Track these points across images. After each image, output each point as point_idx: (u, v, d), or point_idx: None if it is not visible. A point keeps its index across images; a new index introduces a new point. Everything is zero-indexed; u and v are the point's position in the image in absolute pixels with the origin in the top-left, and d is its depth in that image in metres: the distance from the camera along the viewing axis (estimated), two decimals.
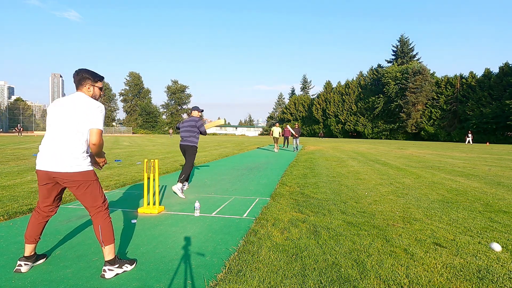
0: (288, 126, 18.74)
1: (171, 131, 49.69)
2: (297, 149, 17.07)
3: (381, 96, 54.04)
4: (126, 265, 2.35)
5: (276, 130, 16.73)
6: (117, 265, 2.31)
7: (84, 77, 2.39)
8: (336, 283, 2.22)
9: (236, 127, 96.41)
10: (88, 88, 2.40)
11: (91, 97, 2.41)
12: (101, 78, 2.48)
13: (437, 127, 47.91)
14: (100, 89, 2.50)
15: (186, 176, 5.31)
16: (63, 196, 4.85)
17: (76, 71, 2.42)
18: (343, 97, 61.85)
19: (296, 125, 19.29)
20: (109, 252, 2.29)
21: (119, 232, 3.32)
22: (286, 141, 19.12)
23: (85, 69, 2.45)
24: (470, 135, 33.91)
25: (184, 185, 5.55)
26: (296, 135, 17.47)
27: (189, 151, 5.57)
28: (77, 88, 2.43)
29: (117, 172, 7.62)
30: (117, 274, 2.29)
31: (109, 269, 2.28)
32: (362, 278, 2.29)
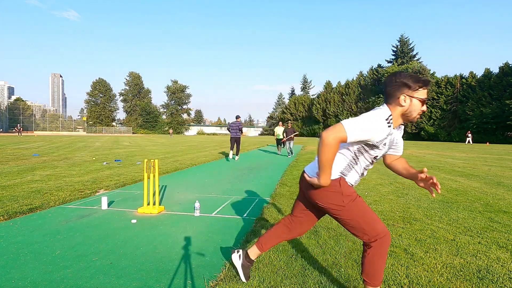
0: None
1: (171, 131, 49.68)
2: (292, 153, 13.49)
3: (381, 96, 54.00)
4: (243, 275, 2.21)
5: (280, 131, 14.76)
6: (242, 267, 2.20)
7: (397, 84, 1.63)
8: (336, 283, 2.22)
9: None
10: (404, 100, 1.63)
11: (405, 113, 1.66)
12: (425, 83, 1.63)
13: (437, 127, 47.89)
14: (423, 102, 1.65)
15: (238, 151, 11.27)
16: (63, 195, 4.87)
17: (389, 75, 1.69)
18: (343, 97, 61.81)
19: (289, 125, 14.62)
20: None
21: (119, 232, 3.32)
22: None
23: (401, 72, 1.68)
24: (469, 135, 33.91)
25: (235, 157, 11.23)
26: (291, 137, 13.69)
27: (238, 140, 11.14)
28: (386, 101, 1.71)
29: (117, 172, 7.62)
30: (237, 270, 2.23)
31: (236, 257, 2.25)
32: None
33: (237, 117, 11.43)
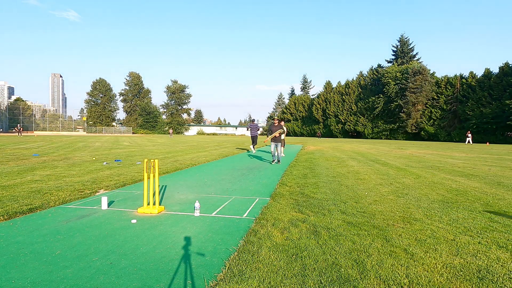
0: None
1: (171, 131, 49.63)
2: (278, 160, 10.19)
3: (381, 96, 53.97)
4: None
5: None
6: None
7: None
8: (336, 283, 2.22)
9: (236, 127, 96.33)
10: None
11: None
12: None
13: (437, 127, 47.87)
14: None
15: (255, 144, 13.91)
16: (63, 195, 4.86)
17: None
18: (343, 97, 61.77)
19: (275, 121, 10.32)
20: None
21: (119, 232, 3.32)
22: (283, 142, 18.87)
23: None
24: (469, 135, 33.90)
25: (253, 150, 14.24)
26: (277, 137, 9.93)
27: (257, 138, 14.03)
28: None
29: (117, 172, 7.62)
30: None
31: None
32: (362, 278, 2.29)
33: (253, 120, 17.64)
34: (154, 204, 4.26)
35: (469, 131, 36.34)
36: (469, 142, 33.29)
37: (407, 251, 2.79)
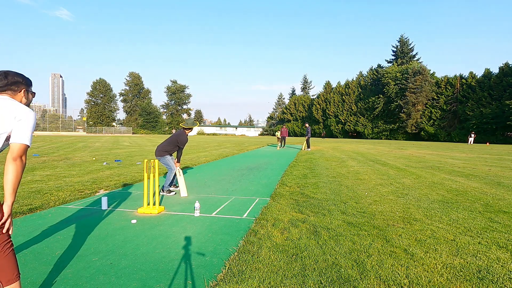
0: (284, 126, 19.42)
1: (174, 131, 49.64)
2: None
3: (381, 96, 53.97)
4: None
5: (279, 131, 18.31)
6: None
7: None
8: (336, 283, 2.22)
9: (236, 127, 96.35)
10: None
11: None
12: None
13: (437, 127, 47.87)
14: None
15: (284, 143, 20.61)
16: (63, 195, 4.86)
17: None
18: (343, 97, 61.79)
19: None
20: None
21: (119, 232, 3.32)
22: (283, 141, 19.91)
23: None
24: (473, 135, 33.91)
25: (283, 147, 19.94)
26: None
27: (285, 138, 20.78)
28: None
29: (117, 172, 7.62)
30: None
31: None
32: (362, 278, 2.29)
33: (282, 126, 21.76)
34: (154, 204, 4.26)
35: (472, 132, 36.44)
36: (470, 142, 33.29)
37: (407, 251, 2.79)
